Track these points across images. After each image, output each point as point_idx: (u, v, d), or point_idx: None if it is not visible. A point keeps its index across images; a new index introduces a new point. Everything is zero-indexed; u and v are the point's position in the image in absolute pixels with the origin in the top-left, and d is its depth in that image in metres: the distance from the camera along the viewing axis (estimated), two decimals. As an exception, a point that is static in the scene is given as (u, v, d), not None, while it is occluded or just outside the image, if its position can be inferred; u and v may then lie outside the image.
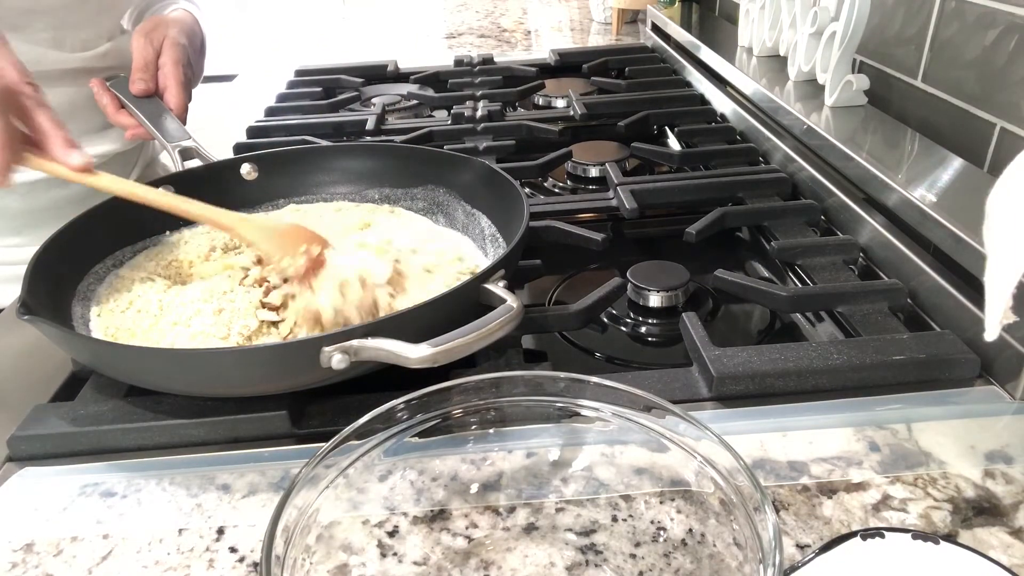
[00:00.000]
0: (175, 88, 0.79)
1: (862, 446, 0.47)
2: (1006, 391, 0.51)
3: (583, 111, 1.01)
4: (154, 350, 0.50)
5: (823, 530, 0.41)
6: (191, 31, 0.86)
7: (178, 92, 0.79)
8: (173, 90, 0.79)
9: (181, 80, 0.79)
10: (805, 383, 0.51)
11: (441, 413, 0.42)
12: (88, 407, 0.51)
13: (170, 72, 0.79)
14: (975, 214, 0.44)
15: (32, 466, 0.49)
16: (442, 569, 0.40)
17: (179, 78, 0.79)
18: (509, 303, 0.48)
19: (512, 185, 0.65)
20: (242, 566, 0.41)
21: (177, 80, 0.79)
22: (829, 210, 0.73)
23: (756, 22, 1.00)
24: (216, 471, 0.48)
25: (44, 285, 0.56)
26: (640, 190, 0.76)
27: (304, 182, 0.76)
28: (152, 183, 0.70)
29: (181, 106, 0.79)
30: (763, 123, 0.89)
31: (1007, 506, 0.42)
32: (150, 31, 0.81)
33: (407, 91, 1.17)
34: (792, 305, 0.60)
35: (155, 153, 1.03)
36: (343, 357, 0.45)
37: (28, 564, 0.42)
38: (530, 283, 0.69)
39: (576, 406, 0.42)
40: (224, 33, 3.96)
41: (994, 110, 0.65)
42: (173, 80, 0.79)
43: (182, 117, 0.79)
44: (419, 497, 0.43)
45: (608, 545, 0.41)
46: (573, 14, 1.77)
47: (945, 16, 0.70)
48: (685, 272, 0.65)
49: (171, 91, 0.79)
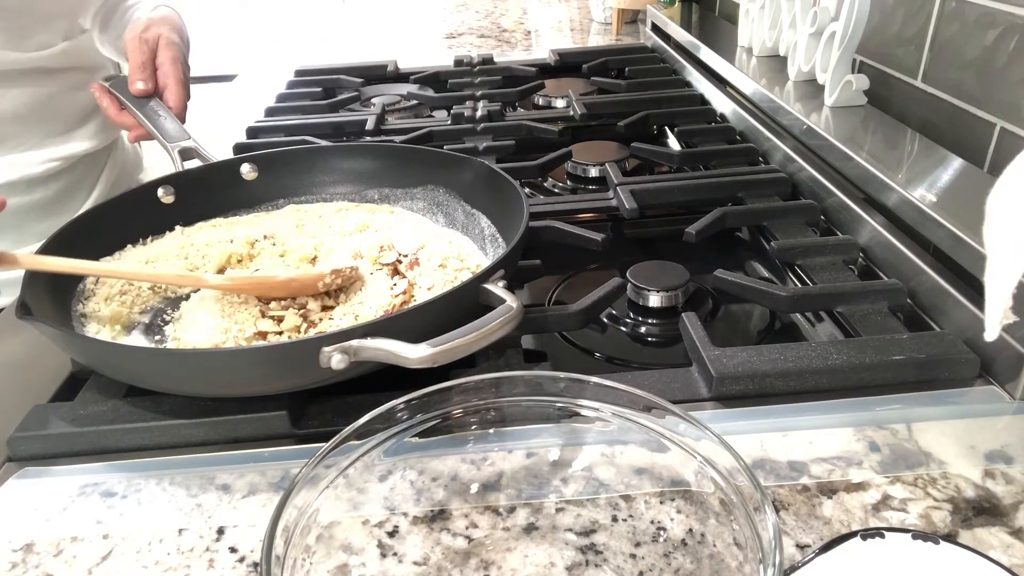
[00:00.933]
0: (175, 86, 0.79)
1: (862, 446, 0.47)
2: (1006, 391, 0.51)
3: (583, 111, 1.01)
4: (154, 350, 0.50)
5: (823, 530, 0.41)
6: (180, 29, 0.86)
7: (178, 90, 0.79)
8: (173, 88, 0.79)
9: (180, 78, 0.80)
10: (805, 383, 0.51)
11: (441, 413, 0.42)
12: (88, 407, 0.51)
13: (169, 71, 0.79)
14: (975, 214, 0.44)
15: (32, 466, 0.49)
16: (442, 569, 0.40)
17: (178, 76, 0.79)
18: (509, 303, 0.48)
19: (512, 185, 0.65)
20: (242, 566, 0.41)
21: (177, 78, 0.79)
22: (829, 210, 0.73)
23: (756, 22, 1.00)
24: (216, 471, 0.48)
25: (44, 285, 0.56)
26: (640, 190, 0.76)
27: (304, 182, 0.76)
28: (152, 183, 0.70)
29: (181, 103, 0.79)
30: (763, 123, 0.89)
31: (1007, 506, 0.42)
32: (143, 31, 0.81)
33: (407, 91, 1.17)
34: (792, 305, 0.60)
35: (127, 154, 1.02)
36: (343, 357, 0.45)
37: (28, 564, 0.42)
38: (530, 283, 0.69)
39: (576, 406, 0.42)
40: (224, 33, 3.97)
41: (994, 110, 0.65)
42: (173, 79, 0.79)
43: (182, 115, 0.79)
44: (419, 497, 0.43)
45: (608, 545, 0.41)
46: (573, 14, 1.77)
47: (945, 16, 0.70)
48: (685, 272, 0.65)
49: (171, 89, 0.79)
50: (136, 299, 0.60)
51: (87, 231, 0.63)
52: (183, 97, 0.79)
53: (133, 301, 0.60)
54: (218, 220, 0.72)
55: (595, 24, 1.66)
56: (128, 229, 0.67)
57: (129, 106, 0.79)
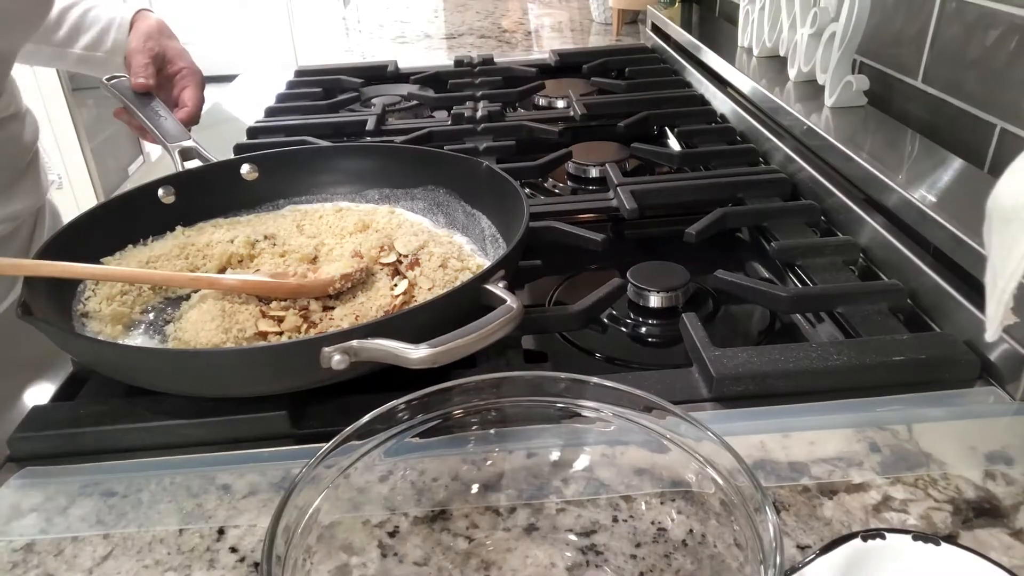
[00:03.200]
0: (194, 111, 0.83)
1: (862, 447, 0.47)
2: (1006, 392, 0.51)
3: (583, 112, 1.01)
4: (154, 350, 0.50)
5: (824, 531, 0.41)
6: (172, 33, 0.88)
7: (195, 113, 0.83)
8: (191, 111, 0.83)
9: (199, 103, 0.84)
10: (805, 384, 0.51)
11: (442, 413, 0.42)
12: (88, 407, 0.51)
13: (192, 95, 0.83)
14: (975, 215, 0.44)
15: (32, 466, 0.49)
16: (443, 569, 0.40)
17: (198, 101, 0.84)
18: (509, 303, 0.48)
19: (512, 185, 0.65)
20: (242, 566, 0.41)
21: (196, 103, 0.83)
22: (829, 211, 0.73)
23: (756, 23, 1.00)
24: (216, 471, 0.48)
25: (44, 285, 0.56)
26: (640, 190, 0.76)
27: (304, 182, 0.76)
28: (152, 183, 0.70)
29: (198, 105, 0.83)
30: (763, 124, 0.89)
31: (1007, 507, 0.42)
32: (146, 32, 0.83)
33: (407, 91, 1.17)
34: (792, 306, 0.60)
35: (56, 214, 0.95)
36: (343, 357, 0.45)
37: (28, 564, 0.42)
38: (530, 283, 0.69)
39: (576, 407, 0.42)
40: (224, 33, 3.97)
41: (994, 110, 0.65)
42: (194, 103, 0.83)
43: (197, 117, 0.83)
44: (420, 497, 0.43)
45: (609, 546, 0.40)
46: (573, 14, 1.77)
47: (945, 16, 0.70)
48: (685, 273, 0.65)
49: (188, 110, 0.82)
50: (137, 299, 0.60)
51: (87, 232, 0.63)
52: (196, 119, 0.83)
53: (134, 301, 0.60)
54: (218, 220, 0.72)
55: (595, 24, 1.66)
56: (129, 229, 0.67)
57: (129, 105, 0.79)
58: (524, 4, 1.91)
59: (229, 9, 4.03)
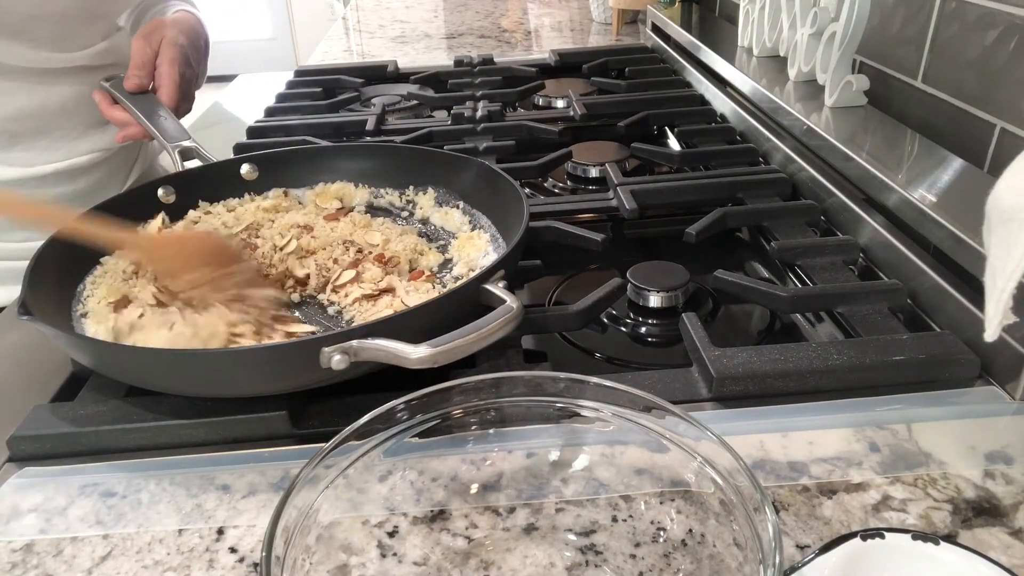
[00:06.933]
0: (168, 87, 0.81)
1: (862, 446, 0.47)
2: (1006, 391, 0.51)
3: (583, 111, 1.01)
4: (154, 350, 0.50)
5: (823, 530, 0.41)
6: (192, 31, 0.86)
7: (171, 91, 0.81)
8: (166, 88, 0.81)
9: (175, 80, 0.81)
10: (805, 383, 0.51)
11: (441, 413, 0.42)
12: (88, 407, 0.51)
13: (165, 71, 0.81)
14: (975, 214, 0.44)
15: (32, 466, 0.49)
16: (442, 569, 0.40)
17: (173, 77, 0.81)
18: (509, 303, 0.48)
19: (512, 185, 0.65)
20: (242, 566, 0.41)
21: (171, 79, 0.81)
22: (829, 210, 0.73)
23: (756, 22, 1.00)
24: (216, 471, 0.48)
25: (44, 285, 0.56)
26: (640, 190, 0.76)
27: (304, 182, 0.76)
28: (152, 183, 0.70)
29: (171, 105, 0.81)
30: (763, 123, 0.89)
31: (1007, 507, 0.42)
32: (149, 33, 0.83)
33: (407, 91, 1.17)
34: (792, 305, 0.60)
35: (155, 154, 1.04)
36: (343, 357, 0.45)
37: (28, 564, 0.42)
38: (530, 283, 0.69)
39: (576, 406, 0.42)
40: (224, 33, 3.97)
41: (994, 110, 0.65)
42: (167, 79, 0.81)
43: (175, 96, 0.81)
44: (419, 497, 0.43)
45: (608, 545, 0.41)
46: (573, 14, 1.77)
47: (945, 16, 0.70)
48: (685, 272, 0.65)
49: (164, 89, 0.81)
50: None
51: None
52: (175, 97, 0.81)
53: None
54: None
55: (595, 24, 1.66)
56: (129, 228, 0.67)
57: (128, 105, 0.79)
58: (524, 4, 1.90)
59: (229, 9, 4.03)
